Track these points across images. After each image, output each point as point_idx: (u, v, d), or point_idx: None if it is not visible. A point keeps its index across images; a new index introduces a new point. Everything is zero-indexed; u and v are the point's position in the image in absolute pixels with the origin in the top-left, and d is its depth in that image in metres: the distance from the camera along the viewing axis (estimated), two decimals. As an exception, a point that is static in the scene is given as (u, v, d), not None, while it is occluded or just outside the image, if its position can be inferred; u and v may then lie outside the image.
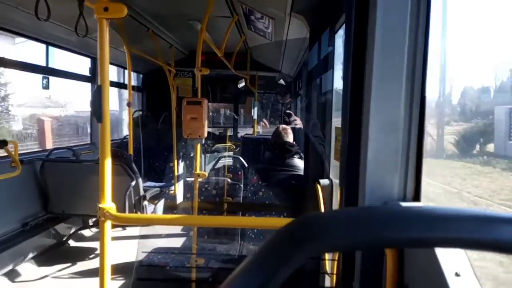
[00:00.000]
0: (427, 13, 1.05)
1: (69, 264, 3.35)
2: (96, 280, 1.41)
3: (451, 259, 0.76)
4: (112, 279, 1.39)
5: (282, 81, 6.67)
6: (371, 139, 1.11)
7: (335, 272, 1.48)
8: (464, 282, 0.71)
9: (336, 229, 0.28)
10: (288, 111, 5.91)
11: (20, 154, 3.30)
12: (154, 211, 3.93)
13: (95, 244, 3.78)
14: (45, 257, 3.46)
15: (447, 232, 0.27)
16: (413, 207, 0.30)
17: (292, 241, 0.29)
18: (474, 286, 0.70)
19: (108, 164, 1.36)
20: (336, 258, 1.50)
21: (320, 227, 0.28)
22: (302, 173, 2.84)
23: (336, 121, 2.41)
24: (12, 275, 3.07)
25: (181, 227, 3.58)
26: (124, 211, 3.19)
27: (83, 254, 3.58)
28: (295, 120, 5.21)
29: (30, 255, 3.34)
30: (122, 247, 3.03)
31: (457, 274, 0.72)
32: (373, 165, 1.11)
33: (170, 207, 4.01)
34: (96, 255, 3.58)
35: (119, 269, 2.53)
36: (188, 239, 2.94)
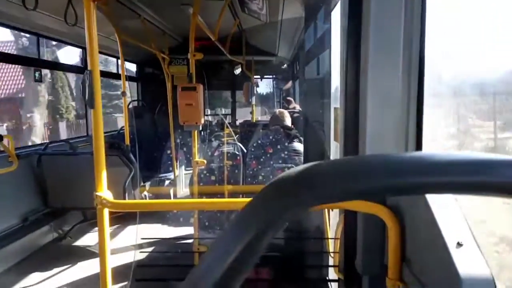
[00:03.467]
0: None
1: (70, 258, 3.35)
2: (98, 274, 1.41)
3: (452, 230, 0.75)
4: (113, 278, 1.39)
5: (286, 66, 6.62)
6: (370, 115, 1.09)
7: (337, 250, 1.47)
8: (466, 251, 0.70)
9: (323, 180, 0.26)
10: (288, 97, 5.89)
11: (16, 149, 3.28)
12: None
13: (96, 237, 3.78)
14: (46, 252, 3.47)
15: (444, 176, 0.26)
16: (406, 155, 0.28)
17: (281, 194, 0.27)
18: (476, 254, 0.69)
19: (102, 151, 1.34)
20: (339, 237, 1.50)
21: (306, 178, 0.27)
22: (302, 157, 2.82)
23: (335, 102, 2.38)
24: (13, 271, 3.07)
25: (181, 224, 3.56)
26: None
27: (85, 248, 3.59)
28: (294, 107, 5.25)
29: (31, 250, 3.34)
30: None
31: (459, 244, 0.71)
32: (373, 140, 1.09)
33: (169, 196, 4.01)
34: (97, 248, 3.59)
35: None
36: (188, 229, 2.94)
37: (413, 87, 1.05)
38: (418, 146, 1.06)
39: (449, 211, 0.80)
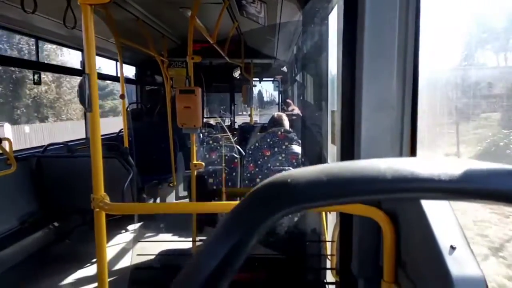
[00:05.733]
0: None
1: (68, 262, 3.34)
2: (95, 276, 1.42)
3: (446, 233, 0.75)
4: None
5: (285, 68, 6.65)
6: (365, 119, 1.09)
7: (334, 253, 1.48)
8: (459, 254, 0.71)
9: (304, 185, 0.27)
10: (287, 100, 5.92)
11: (15, 151, 3.28)
12: None
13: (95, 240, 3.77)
14: (44, 255, 3.46)
15: (431, 183, 0.26)
16: (383, 161, 0.29)
17: (262, 201, 0.28)
18: (469, 257, 0.70)
19: (99, 153, 1.34)
20: (336, 240, 1.51)
21: (287, 185, 0.28)
22: (300, 159, 2.83)
23: (332, 105, 2.40)
24: (9, 274, 3.07)
25: (179, 226, 3.56)
26: None
27: (83, 251, 3.58)
28: (294, 109, 5.25)
29: (29, 253, 3.34)
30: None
31: (452, 247, 0.72)
32: (368, 144, 1.10)
33: (168, 198, 4.01)
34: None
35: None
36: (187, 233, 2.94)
37: (408, 91, 1.06)
38: (413, 149, 1.06)
39: (443, 214, 0.81)
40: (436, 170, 0.26)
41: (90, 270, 3.14)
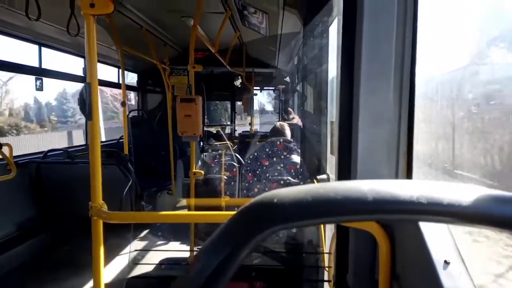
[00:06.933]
0: (414, 6, 1.04)
1: (65, 268, 3.32)
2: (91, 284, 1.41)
3: (440, 248, 0.76)
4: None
5: (286, 78, 6.69)
6: (361, 132, 1.11)
7: (331, 264, 1.48)
8: (453, 270, 0.71)
9: (289, 205, 0.28)
10: (288, 108, 5.95)
11: (15, 157, 3.29)
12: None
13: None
14: (42, 262, 3.44)
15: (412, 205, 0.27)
16: (363, 183, 0.30)
17: (250, 220, 0.29)
18: (463, 272, 0.71)
19: (98, 161, 1.35)
20: (333, 252, 1.50)
21: (274, 204, 0.29)
22: (299, 169, 2.84)
23: (331, 116, 2.41)
24: (6, 280, 3.05)
25: (178, 235, 3.54)
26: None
27: (81, 258, 3.56)
28: (294, 118, 5.27)
29: (26, 259, 3.32)
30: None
31: (446, 262, 0.72)
32: (364, 157, 1.11)
33: (167, 206, 4.00)
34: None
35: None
36: (185, 242, 2.93)
37: (404, 105, 1.07)
38: (409, 162, 1.07)
39: (438, 229, 0.82)
40: (416, 192, 0.27)
41: (86, 277, 3.12)
